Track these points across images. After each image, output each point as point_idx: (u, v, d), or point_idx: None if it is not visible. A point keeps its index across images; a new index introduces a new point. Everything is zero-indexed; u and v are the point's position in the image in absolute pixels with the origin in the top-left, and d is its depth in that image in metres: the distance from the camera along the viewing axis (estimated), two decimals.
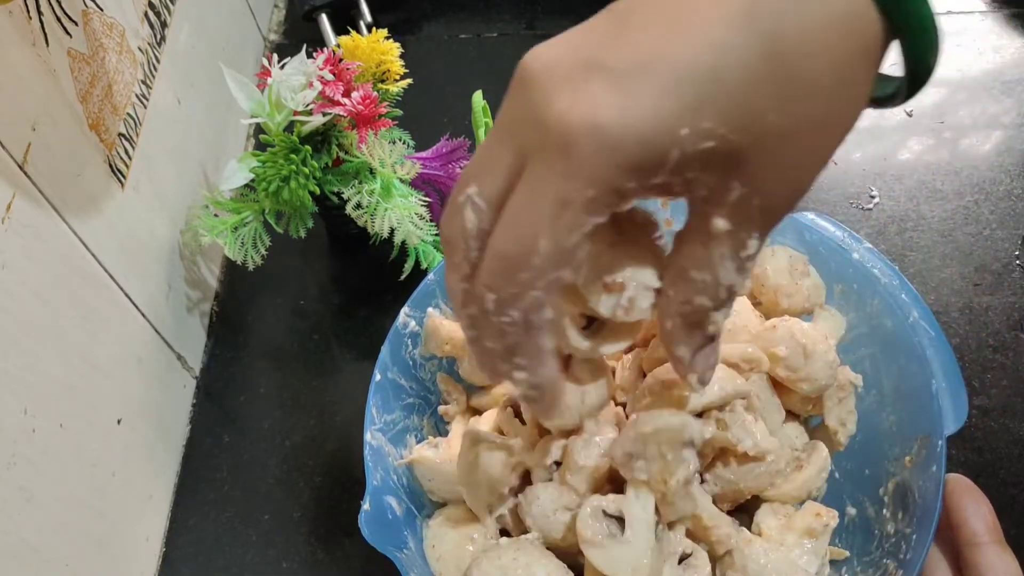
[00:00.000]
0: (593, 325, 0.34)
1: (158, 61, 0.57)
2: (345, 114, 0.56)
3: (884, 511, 0.42)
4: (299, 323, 0.64)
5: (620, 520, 0.36)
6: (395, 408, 0.46)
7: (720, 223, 0.28)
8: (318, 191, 0.55)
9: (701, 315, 0.30)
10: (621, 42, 0.26)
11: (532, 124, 0.27)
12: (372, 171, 0.57)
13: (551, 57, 0.27)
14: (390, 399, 0.46)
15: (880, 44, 0.26)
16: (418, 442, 0.47)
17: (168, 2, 0.60)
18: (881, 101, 0.29)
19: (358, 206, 0.56)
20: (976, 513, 0.37)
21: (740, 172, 0.27)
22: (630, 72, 0.25)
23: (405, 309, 0.47)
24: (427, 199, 0.58)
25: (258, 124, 0.57)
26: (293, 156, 0.54)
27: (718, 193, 0.28)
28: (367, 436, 0.43)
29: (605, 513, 0.36)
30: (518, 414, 0.41)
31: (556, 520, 0.38)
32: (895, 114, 0.71)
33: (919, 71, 0.27)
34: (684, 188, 0.28)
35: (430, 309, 0.48)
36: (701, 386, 0.33)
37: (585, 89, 0.26)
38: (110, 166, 0.50)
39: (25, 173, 0.41)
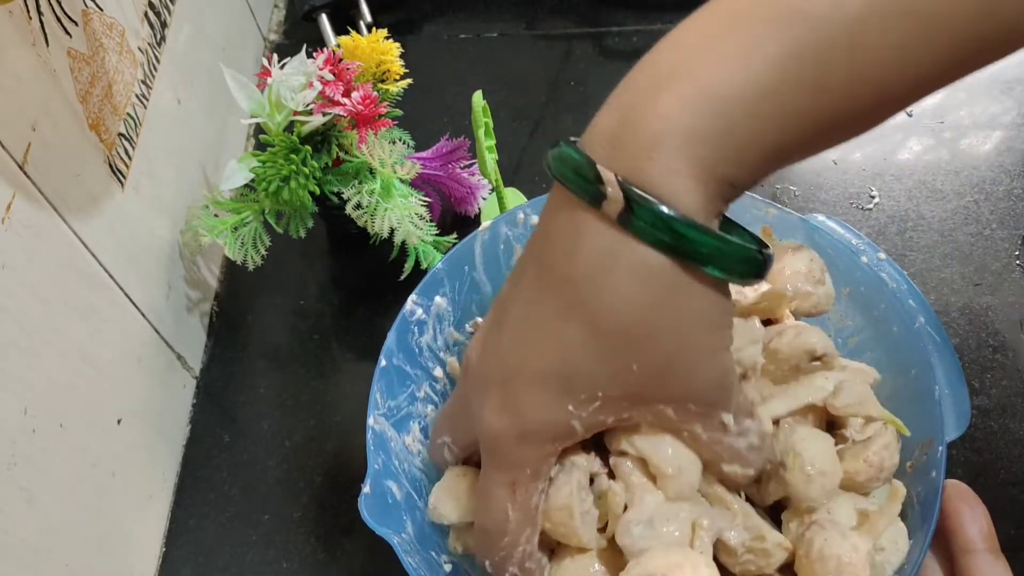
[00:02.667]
0: None
1: (158, 61, 0.57)
2: (345, 114, 0.56)
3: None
4: (299, 323, 0.64)
5: None
6: (399, 394, 0.46)
7: (694, 430, 0.33)
8: (318, 191, 0.55)
9: (749, 480, 0.36)
10: (497, 354, 0.33)
11: (473, 419, 0.35)
12: (372, 171, 0.57)
13: (474, 366, 0.36)
14: (394, 385, 0.46)
15: (675, 277, 0.29)
16: (421, 429, 0.47)
17: (168, 2, 0.60)
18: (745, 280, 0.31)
19: (358, 206, 0.56)
20: (972, 520, 0.38)
21: (654, 401, 0.32)
22: (508, 383, 0.33)
23: (413, 297, 0.47)
24: (427, 199, 0.58)
25: (258, 124, 0.57)
26: (293, 156, 0.54)
27: (659, 417, 0.33)
28: (370, 421, 0.43)
29: None
30: None
31: None
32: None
33: (747, 273, 0.30)
34: (626, 423, 0.33)
35: (437, 298, 0.48)
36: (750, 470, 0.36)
37: (488, 402, 0.33)
38: (110, 166, 0.50)
39: (25, 173, 0.41)
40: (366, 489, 0.41)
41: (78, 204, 0.46)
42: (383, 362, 0.45)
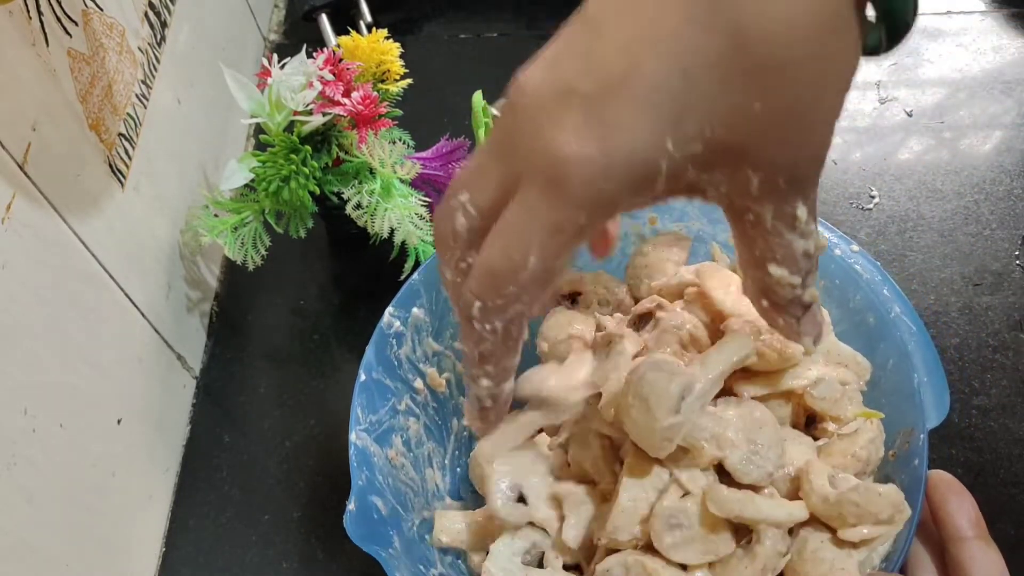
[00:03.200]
0: None
1: (158, 61, 0.57)
2: (345, 114, 0.56)
3: None
4: (299, 323, 0.64)
5: None
6: (380, 408, 0.46)
7: (763, 213, 0.29)
8: (318, 191, 0.55)
9: (792, 293, 0.31)
10: (592, 61, 0.27)
11: (523, 151, 0.28)
12: (372, 171, 0.57)
13: (536, 83, 0.28)
14: (375, 399, 0.46)
15: (849, 10, 0.25)
16: (403, 442, 0.47)
17: (168, 2, 0.60)
18: (869, 51, 0.28)
19: (358, 206, 0.56)
20: (959, 509, 0.37)
21: (748, 162, 0.27)
22: (604, 96, 0.26)
23: (390, 309, 0.47)
24: (427, 199, 0.58)
25: (258, 124, 0.57)
26: (293, 156, 0.54)
27: (738, 186, 0.28)
28: (352, 436, 0.43)
29: None
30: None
31: None
32: (895, 114, 0.71)
33: (896, 25, 0.26)
34: (694, 190, 0.28)
35: (415, 309, 0.48)
36: (815, 345, 0.33)
37: (566, 121, 0.26)
38: (110, 166, 0.50)
39: (25, 173, 0.41)
40: (351, 506, 0.41)
41: (78, 204, 0.46)
42: (363, 376, 0.45)
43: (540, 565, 0.42)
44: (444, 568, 0.45)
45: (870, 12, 0.26)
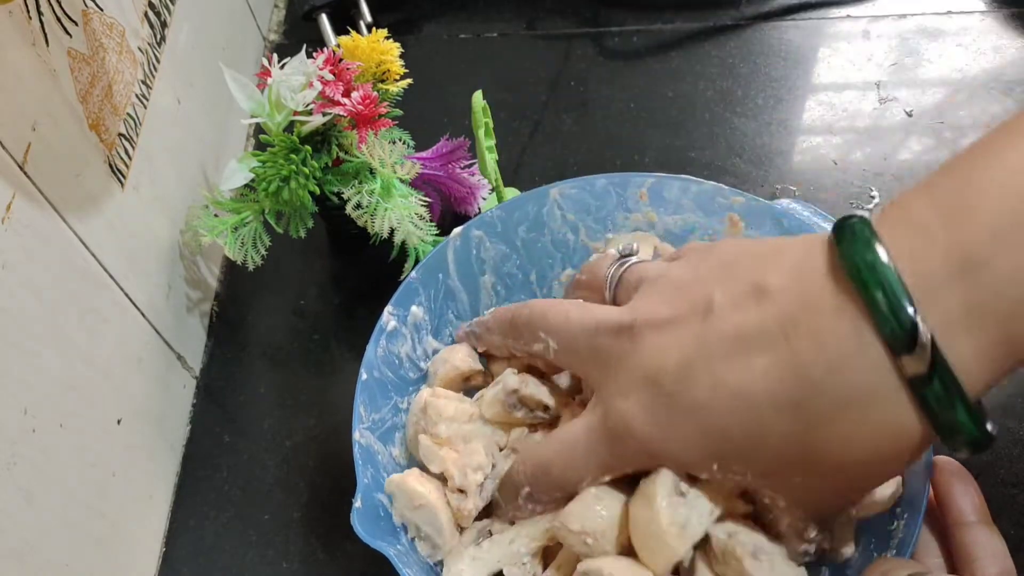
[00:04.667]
0: None
1: (158, 61, 0.57)
2: (345, 114, 0.56)
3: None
4: (299, 323, 0.64)
5: None
6: (383, 407, 0.46)
7: (780, 518, 0.34)
8: (318, 191, 0.55)
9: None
10: (690, 373, 0.31)
11: (610, 389, 0.34)
12: (372, 171, 0.57)
13: (646, 351, 0.33)
14: (377, 397, 0.46)
15: (919, 442, 0.28)
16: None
17: (168, 2, 0.60)
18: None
19: (358, 206, 0.56)
20: (964, 494, 0.38)
21: (779, 492, 0.32)
22: (681, 408, 0.31)
23: (388, 308, 0.47)
24: (427, 199, 0.58)
25: (258, 124, 0.57)
26: (293, 156, 0.54)
27: (767, 497, 0.33)
28: (355, 435, 0.43)
29: None
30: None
31: None
32: (895, 114, 0.71)
33: (969, 448, 0.28)
34: (727, 483, 0.33)
35: (413, 307, 0.48)
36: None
37: (645, 400, 0.32)
38: (110, 166, 0.50)
39: (25, 173, 0.41)
40: (357, 504, 0.41)
41: (78, 204, 0.46)
42: (364, 375, 0.45)
43: None
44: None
45: None
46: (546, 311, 0.39)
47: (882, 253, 0.27)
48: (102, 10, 0.50)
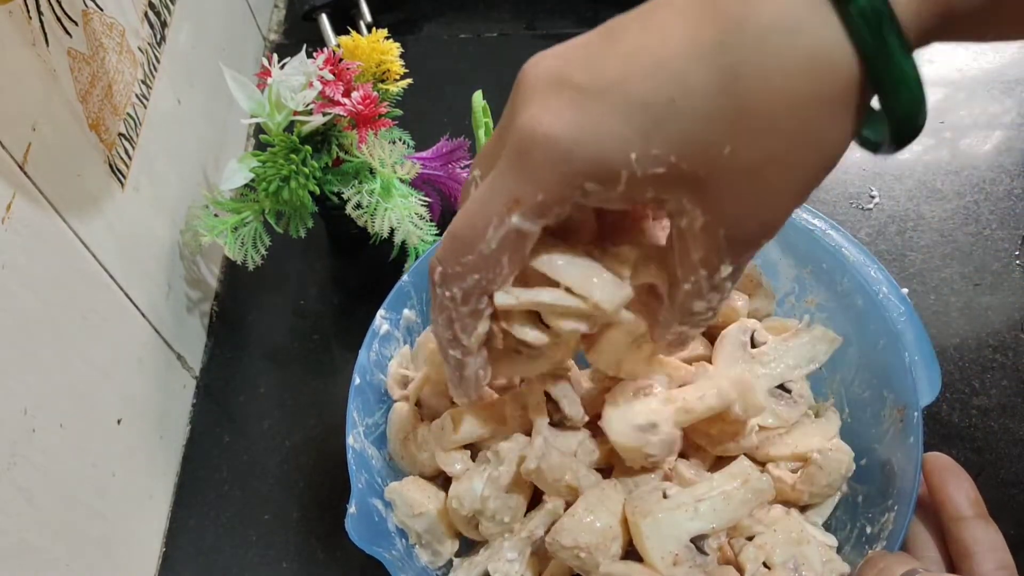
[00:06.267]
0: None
1: (158, 61, 0.57)
2: (345, 114, 0.56)
3: (864, 485, 0.42)
4: (299, 323, 0.64)
5: None
6: (376, 411, 0.46)
7: (692, 251, 0.30)
8: (318, 191, 0.55)
9: (679, 328, 0.33)
10: (595, 61, 0.27)
11: (510, 127, 0.29)
12: (372, 171, 0.57)
13: (542, 67, 0.29)
14: (370, 402, 0.46)
15: (856, 91, 0.25)
16: None
17: (168, 2, 0.60)
18: (868, 145, 0.28)
19: (358, 206, 0.56)
20: (959, 489, 0.38)
21: (700, 199, 0.28)
22: (592, 92, 0.27)
23: (381, 312, 0.47)
24: (427, 199, 0.58)
25: (258, 124, 0.57)
26: (293, 156, 0.54)
27: (682, 215, 0.29)
28: (349, 440, 0.43)
29: None
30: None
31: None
32: None
33: (903, 128, 0.26)
34: (648, 203, 0.29)
35: (406, 311, 0.48)
36: (669, 350, 0.36)
37: (551, 102, 0.28)
38: (110, 166, 0.50)
39: (25, 173, 0.41)
40: (352, 510, 0.41)
41: (78, 204, 0.46)
42: (357, 380, 0.45)
43: None
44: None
45: (876, 104, 0.26)
46: (450, 233, 0.31)
47: None
48: (102, 10, 0.50)
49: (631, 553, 0.38)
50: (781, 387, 0.44)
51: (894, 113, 0.25)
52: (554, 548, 0.37)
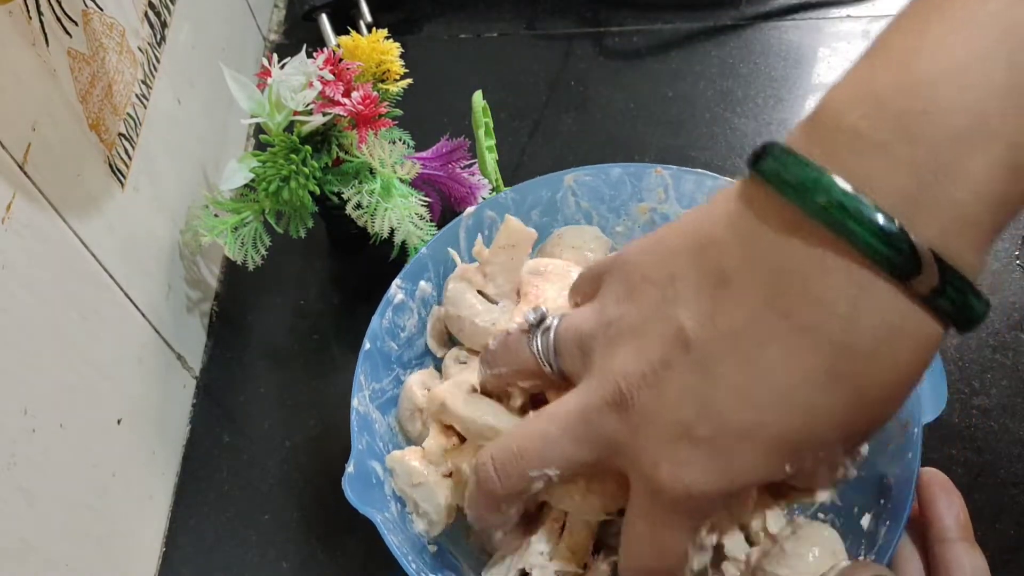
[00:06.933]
0: None
1: (158, 61, 0.57)
2: (345, 114, 0.56)
3: (861, 496, 0.42)
4: (299, 323, 0.64)
5: None
6: (384, 377, 0.47)
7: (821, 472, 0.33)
8: (318, 191, 0.55)
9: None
10: (710, 408, 0.28)
11: (635, 469, 0.31)
12: (372, 171, 0.57)
13: (644, 403, 0.30)
14: (379, 368, 0.46)
15: (938, 340, 0.28)
16: None
17: (168, 2, 0.60)
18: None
19: (358, 206, 0.56)
20: (948, 509, 0.38)
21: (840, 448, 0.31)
22: (728, 443, 0.28)
23: (397, 281, 0.48)
24: (427, 199, 0.58)
25: (258, 124, 0.57)
26: (293, 156, 0.54)
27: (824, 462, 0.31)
28: (354, 402, 0.44)
29: None
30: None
31: None
32: None
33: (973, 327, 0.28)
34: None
35: (422, 282, 0.49)
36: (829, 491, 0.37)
37: (690, 460, 0.29)
38: (110, 166, 0.50)
39: (25, 173, 0.41)
40: (350, 469, 0.42)
41: (78, 204, 0.46)
42: (367, 345, 0.46)
43: None
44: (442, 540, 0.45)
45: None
46: (513, 445, 0.34)
47: (843, 184, 0.25)
48: (102, 10, 0.50)
49: None
50: None
51: (970, 328, 0.28)
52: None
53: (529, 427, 0.34)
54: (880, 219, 0.25)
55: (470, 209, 0.50)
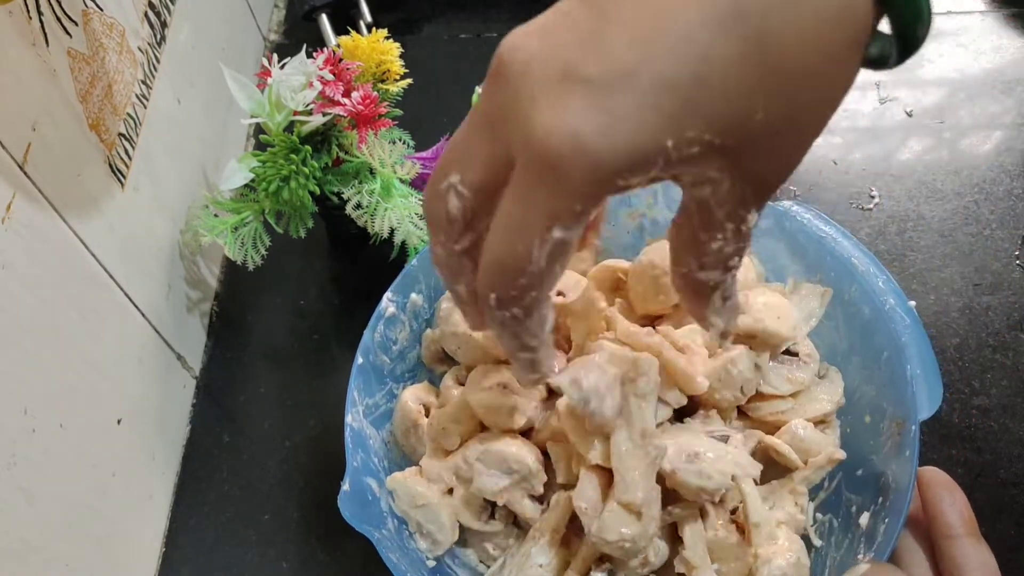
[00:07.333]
0: None
1: (158, 61, 0.57)
2: (345, 114, 0.56)
3: (859, 495, 0.42)
4: (299, 323, 0.64)
5: None
6: (377, 392, 0.46)
7: (717, 212, 0.29)
8: (318, 191, 0.55)
9: (713, 285, 0.32)
10: (600, 46, 0.26)
11: (516, 129, 0.27)
12: (372, 171, 0.57)
13: (529, 53, 0.27)
14: (372, 383, 0.46)
15: (870, 22, 0.26)
16: None
17: (168, 2, 0.60)
18: (871, 63, 0.28)
19: (358, 206, 0.56)
20: (951, 506, 0.38)
21: (729, 166, 0.27)
22: (611, 85, 0.25)
23: (388, 294, 0.47)
24: None
25: (258, 124, 0.57)
26: (293, 156, 0.54)
27: (705, 184, 0.28)
28: (348, 419, 0.44)
29: None
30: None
31: None
32: (895, 114, 0.71)
33: (909, 41, 0.27)
34: (672, 179, 0.28)
35: (413, 295, 0.48)
36: (723, 338, 0.34)
37: (567, 104, 0.25)
38: (110, 166, 0.50)
39: (25, 173, 0.41)
40: (345, 487, 0.41)
41: (78, 204, 0.46)
42: (360, 360, 0.46)
43: None
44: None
45: (882, 25, 0.26)
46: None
47: None
48: (102, 10, 0.50)
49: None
50: (787, 351, 0.44)
51: (903, 27, 0.26)
52: (599, 543, 0.38)
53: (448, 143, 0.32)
54: None
55: None
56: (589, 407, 0.37)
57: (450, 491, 0.44)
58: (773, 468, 0.44)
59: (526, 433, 0.43)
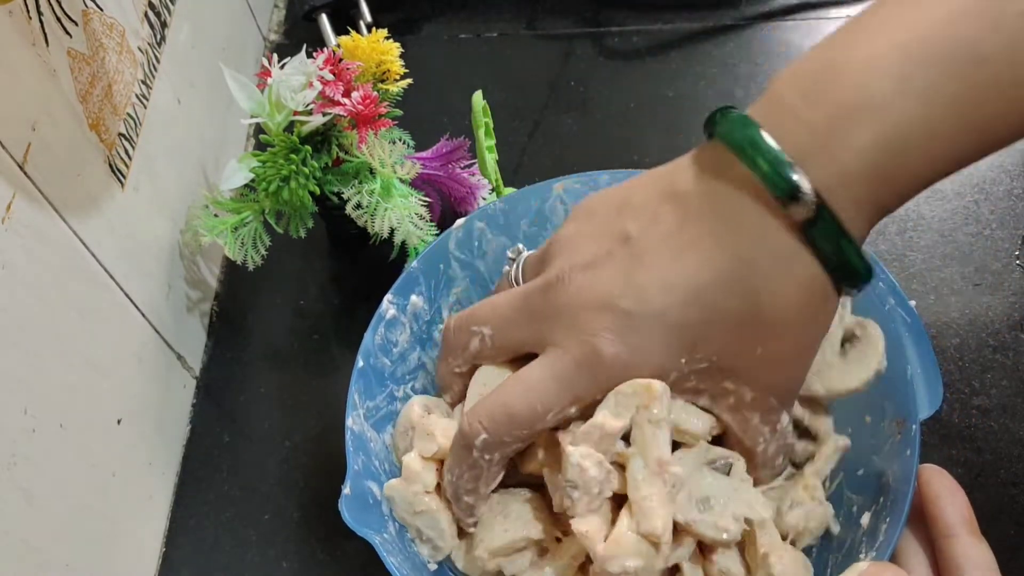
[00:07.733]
0: None
1: (158, 61, 0.57)
2: (345, 114, 0.56)
3: (860, 495, 0.42)
4: (299, 323, 0.64)
5: None
6: (378, 395, 0.46)
7: (749, 417, 0.37)
8: (318, 191, 0.55)
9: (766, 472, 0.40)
10: (633, 287, 0.34)
11: (560, 329, 0.35)
12: (372, 171, 0.57)
13: (577, 284, 0.35)
14: (372, 386, 0.46)
15: (826, 288, 0.33)
16: None
17: (168, 2, 0.60)
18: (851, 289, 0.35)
19: (358, 206, 0.56)
20: (951, 505, 0.38)
21: (742, 381, 0.35)
22: (641, 319, 0.34)
23: (388, 296, 0.47)
24: (427, 199, 0.58)
25: (258, 124, 0.57)
26: (293, 156, 0.54)
27: (728, 395, 0.36)
28: (348, 422, 0.43)
29: None
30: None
31: None
32: None
33: (859, 281, 0.33)
34: (697, 394, 0.36)
35: (413, 297, 0.48)
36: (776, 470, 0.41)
37: (606, 325, 0.34)
38: (110, 166, 0.50)
39: (25, 173, 0.41)
40: (346, 490, 0.41)
41: (78, 204, 0.46)
42: (360, 363, 0.45)
43: None
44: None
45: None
46: (471, 308, 0.40)
47: (762, 133, 0.31)
48: (102, 10, 0.50)
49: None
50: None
51: (857, 289, 0.34)
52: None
53: (488, 300, 0.40)
54: (780, 157, 0.31)
55: (460, 221, 0.50)
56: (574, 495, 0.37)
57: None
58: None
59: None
